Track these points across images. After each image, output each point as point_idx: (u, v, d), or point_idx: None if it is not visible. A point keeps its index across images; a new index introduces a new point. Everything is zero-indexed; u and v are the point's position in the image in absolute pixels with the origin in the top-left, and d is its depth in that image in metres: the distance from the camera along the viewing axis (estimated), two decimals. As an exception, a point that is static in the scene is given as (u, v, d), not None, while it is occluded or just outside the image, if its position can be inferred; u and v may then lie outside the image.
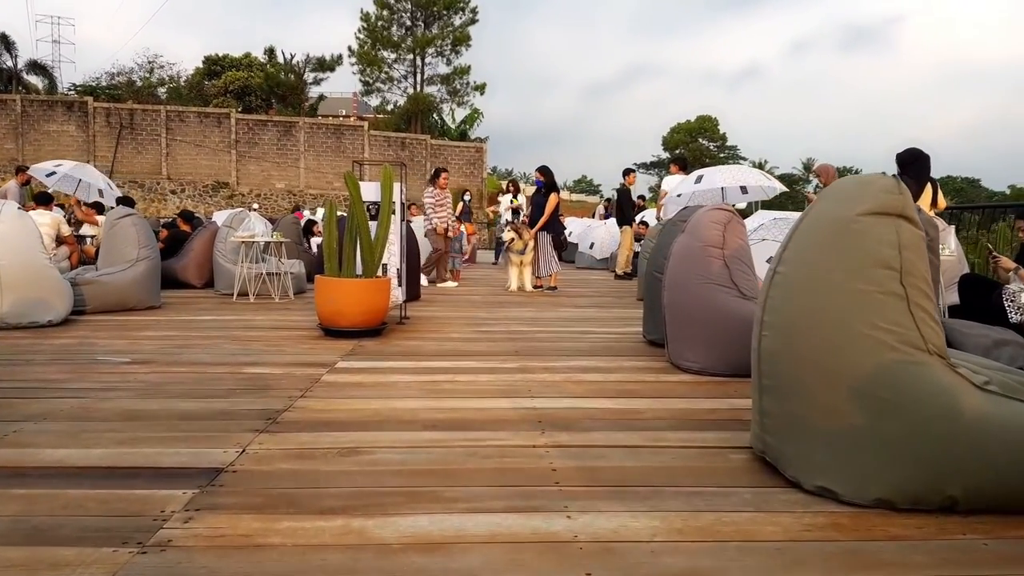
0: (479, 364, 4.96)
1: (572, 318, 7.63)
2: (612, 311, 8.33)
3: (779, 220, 6.86)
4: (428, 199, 11.12)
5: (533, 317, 7.66)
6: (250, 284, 8.90)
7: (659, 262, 5.81)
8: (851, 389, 2.45)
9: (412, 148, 41.73)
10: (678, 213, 5.99)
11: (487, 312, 8.07)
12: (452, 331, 6.56)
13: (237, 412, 3.62)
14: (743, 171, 9.99)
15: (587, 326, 7.00)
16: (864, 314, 2.45)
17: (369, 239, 6.15)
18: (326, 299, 6.03)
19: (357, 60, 47.72)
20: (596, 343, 5.96)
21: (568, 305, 8.92)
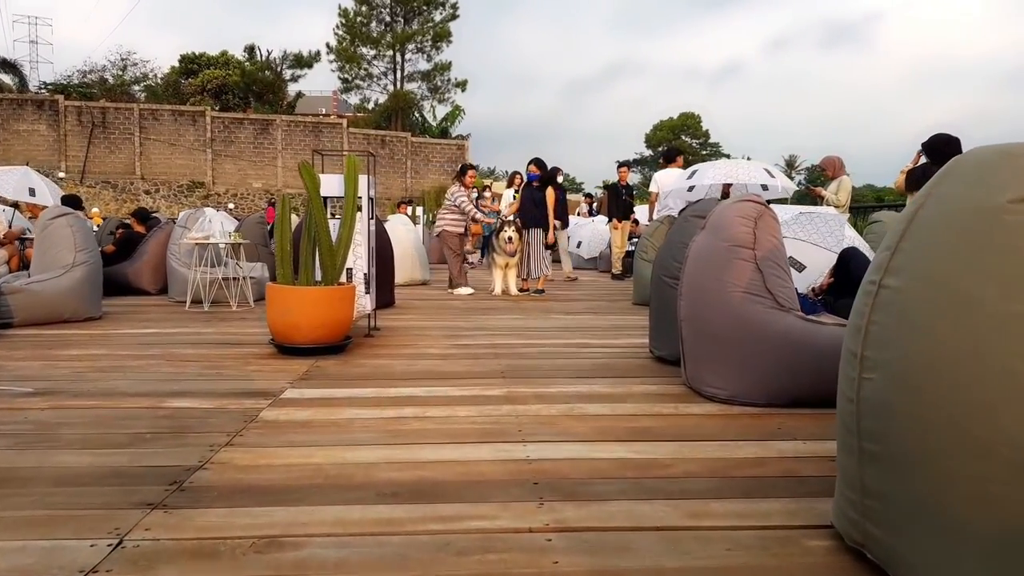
0: (457, 391, 4.08)
1: (564, 327, 6.77)
2: (608, 318, 7.48)
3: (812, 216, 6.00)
4: (461, 198, 10.12)
5: (521, 327, 6.79)
6: (204, 290, 7.98)
7: (669, 265, 4.96)
8: (1016, 466, 1.60)
9: (392, 146, 40.80)
10: (691, 206, 5.14)
11: (468, 320, 7.20)
12: (428, 345, 5.67)
13: (135, 472, 2.72)
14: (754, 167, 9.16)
15: (582, 337, 6.14)
16: (1034, 352, 1.60)
17: (329, 240, 5.26)
18: (279, 311, 5.14)
19: (336, 57, 46.73)
20: (596, 360, 5.09)
21: (559, 311, 8.06)
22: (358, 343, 5.69)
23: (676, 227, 5.12)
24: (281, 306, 5.12)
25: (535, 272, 9.91)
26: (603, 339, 6.05)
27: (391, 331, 6.41)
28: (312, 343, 5.12)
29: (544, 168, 10.00)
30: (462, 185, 10.20)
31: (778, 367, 3.73)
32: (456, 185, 10.24)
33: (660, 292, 5.03)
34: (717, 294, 3.90)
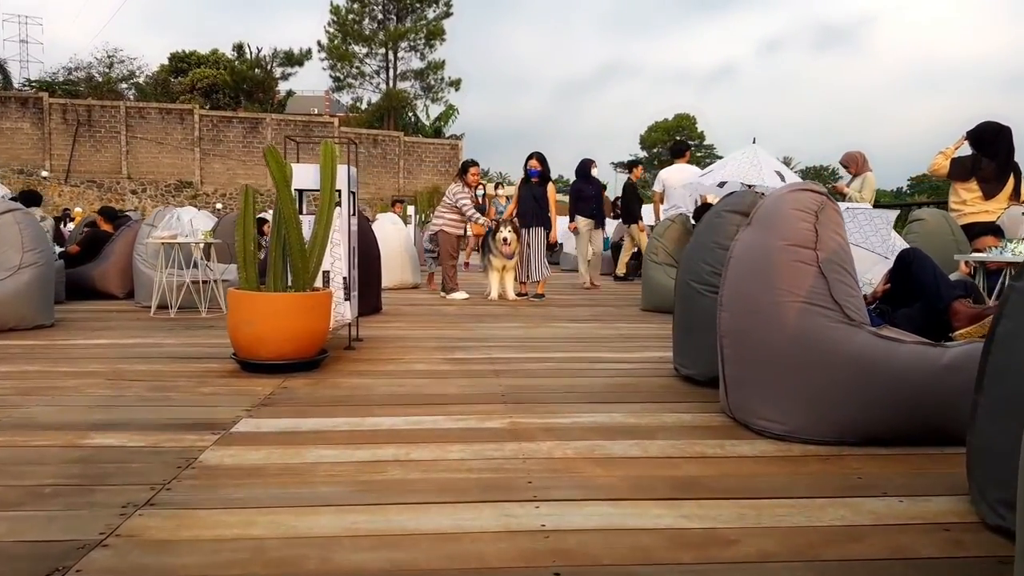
0: (449, 422, 3.34)
1: (570, 337, 6.03)
2: (617, 326, 6.74)
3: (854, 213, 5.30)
4: (462, 199, 9.32)
5: (521, 336, 6.05)
6: (171, 295, 7.22)
7: (698, 269, 4.24)
8: None
9: (385, 145, 40.05)
10: (724, 199, 4.41)
11: (463, 329, 6.45)
12: (416, 360, 4.93)
13: (5, 553, 1.98)
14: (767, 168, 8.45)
15: (592, 349, 5.40)
16: None
17: (300, 239, 4.51)
18: (242, 321, 4.39)
19: (327, 55, 45.94)
20: (612, 379, 4.36)
21: (562, 318, 7.32)
22: (336, 358, 4.94)
23: (705, 225, 4.39)
24: (244, 315, 4.38)
25: (535, 275, 9.18)
26: (616, 351, 5.31)
27: (375, 342, 5.66)
28: (280, 359, 4.38)
29: (545, 163, 9.26)
30: (464, 184, 9.42)
31: (848, 396, 3.00)
32: (458, 184, 9.44)
33: (688, 300, 4.29)
34: (770, 305, 3.17)
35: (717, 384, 3.54)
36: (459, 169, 9.66)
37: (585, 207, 10.44)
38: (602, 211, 10.61)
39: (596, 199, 10.47)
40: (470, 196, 9.36)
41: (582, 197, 10.47)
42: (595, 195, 10.50)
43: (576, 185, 10.78)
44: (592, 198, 10.45)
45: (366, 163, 39.47)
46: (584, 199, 10.46)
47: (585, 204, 10.44)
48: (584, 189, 10.52)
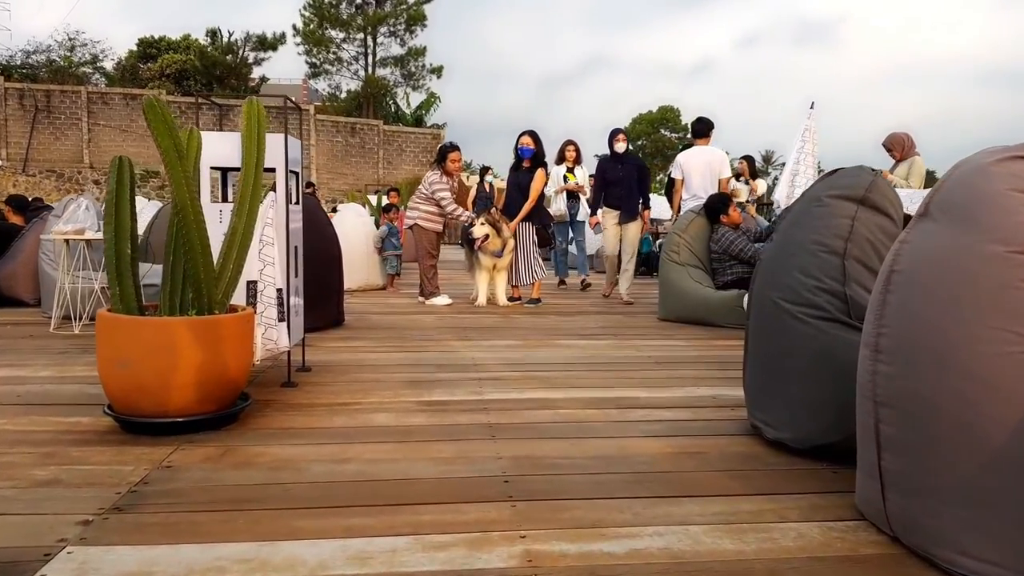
0: (420, 555, 1.95)
1: (585, 362, 4.65)
2: (639, 345, 5.36)
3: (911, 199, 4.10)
4: (439, 188, 7.73)
5: (520, 361, 4.66)
6: (75, 305, 5.75)
7: (792, 282, 2.86)
8: None
9: (363, 134, 38.49)
10: (826, 179, 3.02)
11: (445, 349, 5.05)
12: (377, 405, 3.53)
13: None
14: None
15: (619, 383, 4.02)
16: None
17: (203, 237, 3.09)
18: (114, 359, 2.96)
19: (302, 40, 44.20)
20: (665, 444, 2.97)
21: (567, 331, 5.93)
22: (264, 403, 3.53)
23: (798, 217, 3.01)
24: (118, 351, 2.95)
25: (526, 278, 7.78)
26: (652, 387, 3.93)
27: (327, 374, 4.24)
28: (173, 414, 2.96)
29: (539, 142, 7.80)
30: (443, 172, 7.81)
31: None
32: (435, 172, 7.87)
33: (774, 328, 2.91)
34: (981, 358, 1.79)
35: (823, 454, 2.24)
36: (436, 155, 8.09)
37: (612, 193, 8.15)
38: (635, 199, 8.12)
39: (626, 182, 8.06)
40: (450, 187, 7.82)
41: (607, 181, 8.15)
42: (624, 177, 8.06)
43: (600, 165, 8.43)
44: (620, 181, 8.07)
45: (344, 152, 37.92)
46: (611, 183, 8.13)
47: (613, 189, 8.14)
48: (609, 170, 8.13)
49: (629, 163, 8.16)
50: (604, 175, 8.17)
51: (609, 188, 8.14)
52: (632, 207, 8.08)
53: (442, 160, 7.82)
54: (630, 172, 8.09)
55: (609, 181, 8.11)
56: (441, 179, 7.74)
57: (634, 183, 8.08)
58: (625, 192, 8.07)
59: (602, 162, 8.36)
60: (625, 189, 8.06)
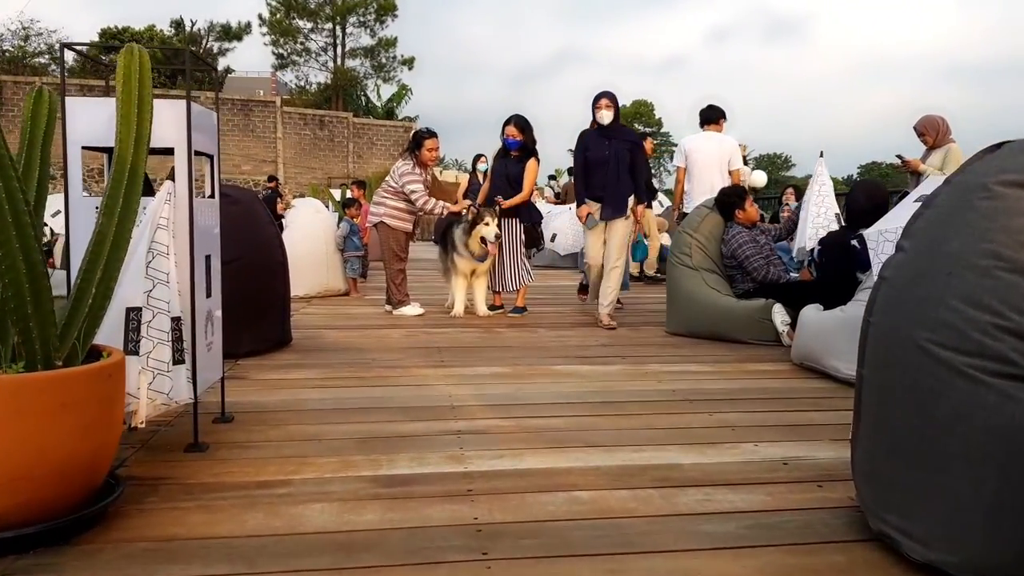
0: None
1: (594, 397, 3.59)
2: (655, 369, 4.33)
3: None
4: (411, 180, 6.51)
5: (512, 398, 3.60)
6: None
7: (953, 320, 1.82)
8: None
9: (332, 127, 37.16)
10: (985, 158, 1.99)
11: (413, 383, 3.97)
12: (313, 489, 2.46)
13: None
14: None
15: (648, 440, 2.97)
16: None
17: (29, 251, 1.99)
18: None
19: (269, 29, 42.72)
20: (740, 560, 1.94)
21: (562, 353, 4.88)
22: (152, 484, 2.44)
23: (941, 216, 1.98)
24: None
25: (512, 283, 6.70)
26: (699, 448, 2.88)
27: (253, 427, 3.15)
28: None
29: (527, 130, 6.69)
30: (417, 163, 6.61)
31: None
32: (407, 161, 6.65)
33: (928, 389, 1.87)
34: None
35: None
36: (410, 142, 6.85)
37: (595, 179, 5.99)
38: (624, 188, 5.94)
39: (613, 165, 5.88)
40: (423, 179, 6.69)
41: (589, 162, 6.01)
42: (610, 157, 5.88)
43: (581, 140, 6.13)
44: (605, 163, 5.89)
45: (312, 146, 36.61)
46: (594, 165, 5.97)
47: (597, 175, 5.96)
48: (592, 147, 5.99)
49: (618, 139, 5.96)
50: (585, 154, 6.01)
51: (592, 172, 5.98)
52: (619, 199, 5.90)
53: (416, 148, 6.66)
54: (618, 152, 5.90)
55: (592, 162, 5.97)
56: (413, 169, 6.60)
57: (623, 166, 5.90)
58: (611, 178, 5.88)
59: (583, 137, 6.11)
60: (611, 174, 5.87)
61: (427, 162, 6.69)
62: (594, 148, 5.97)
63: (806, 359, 4.30)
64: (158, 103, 2.79)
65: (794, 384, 3.98)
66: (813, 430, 3.13)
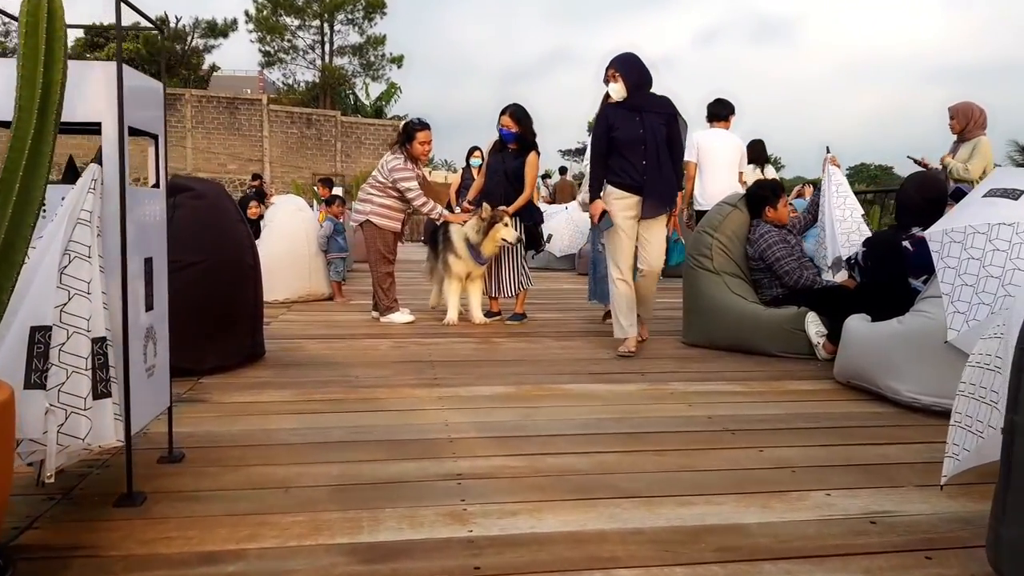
0: None
1: (615, 431, 3.03)
2: (680, 389, 3.76)
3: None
4: (402, 177, 5.93)
5: (519, 427, 3.03)
6: None
7: None
8: None
9: (320, 125, 36.48)
10: None
11: (402, 409, 3.40)
12: (273, 566, 1.87)
13: None
14: None
15: (691, 485, 2.41)
16: None
17: None
18: None
19: (255, 27, 42.01)
20: None
21: (571, 368, 4.31)
22: (62, 557, 1.85)
23: None
24: None
25: (509, 288, 6.14)
26: (760, 500, 2.31)
27: (206, 468, 2.57)
28: None
29: (524, 122, 6.10)
30: (408, 156, 6.01)
31: None
32: (398, 155, 6.02)
33: None
34: None
35: None
36: (400, 134, 6.18)
37: (625, 163, 4.65)
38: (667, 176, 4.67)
39: (651, 145, 4.59)
40: (415, 174, 6.11)
41: (616, 143, 4.66)
42: (645, 136, 4.58)
43: (603, 116, 4.81)
44: (637, 143, 4.59)
45: (299, 145, 35.95)
46: (623, 146, 4.64)
47: (629, 160, 4.64)
48: (620, 123, 4.65)
49: (650, 111, 4.62)
50: (610, 132, 4.67)
51: (620, 154, 4.66)
52: (664, 190, 4.64)
53: (408, 141, 6.06)
54: (655, 128, 4.60)
55: (621, 144, 4.64)
56: (405, 164, 6.00)
57: (663, 147, 4.61)
58: (651, 164, 4.57)
59: (605, 111, 4.81)
60: (650, 159, 4.57)
61: (419, 156, 6.10)
62: (623, 125, 4.63)
63: (854, 377, 3.75)
64: (83, 64, 2.24)
65: (847, 408, 3.42)
66: (890, 471, 2.57)
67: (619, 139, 4.64)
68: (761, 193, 5.02)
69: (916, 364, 3.34)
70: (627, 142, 4.62)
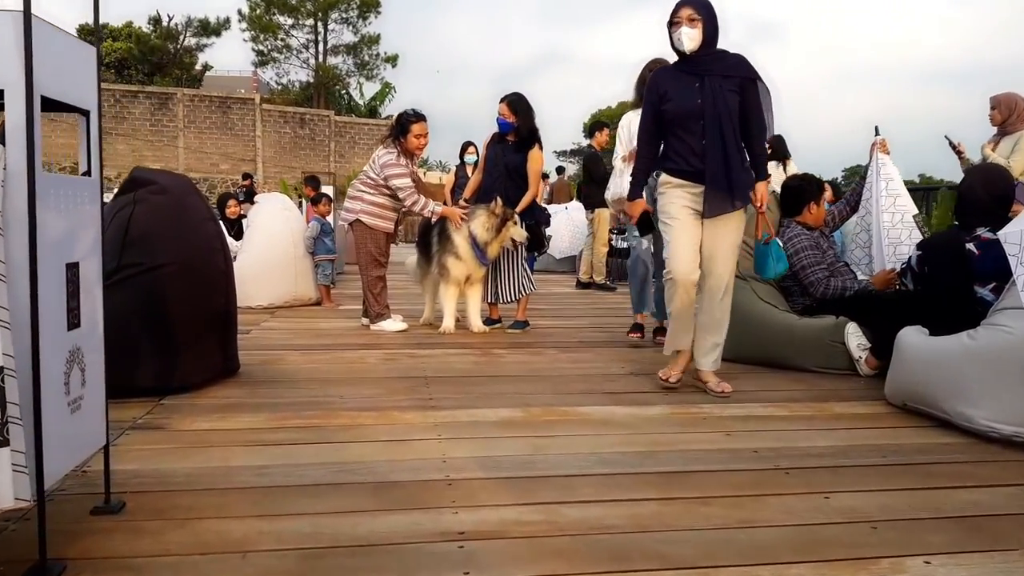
0: None
1: (646, 470, 2.54)
2: (715, 413, 3.28)
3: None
4: (395, 173, 5.47)
5: (528, 471, 2.54)
6: None
7: None
8: None
9: (313, 125, 36.02)
10: None
11: (391, 438, 2.90)
12: None
13: None
14: None
15: (751, 549, 1.93)
16: None
17: None
18: None
19: (248, 25, 41.46)
20: None
21: (584, 385, 3.82)
22: None
23: None
24: None
25: (510, 294, 5.65)
26: (849, 565, 1.83)
27: (146, 523, 2.07)
28: None
29: (523, 111, 5.60)
30: (402, 151, 5.53)
31: None
32: (391, 149, 5.55)
33: None
34: None
35: None
36: (393, 127, 5.69)
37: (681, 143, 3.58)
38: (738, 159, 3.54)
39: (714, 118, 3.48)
40: (410, 171, 5.66)
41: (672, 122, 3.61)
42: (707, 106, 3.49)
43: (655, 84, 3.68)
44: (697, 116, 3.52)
45: (292, 145, 35.47)
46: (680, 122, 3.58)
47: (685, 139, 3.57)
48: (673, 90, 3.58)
49: (716, 75, 3.52)
50: (662, 106, 3.59)
51: (673, 132, 3.61)
52: (732, 179, 3.51)
53: (402, 134, 5.54)
54: (717, 96, 3.49)
55: (672, 118, 3.59)
56: (398, 160, 5.50)
57: (728, 120, 3.49)
58: (712, 143, 3.49)
59: (656, 77, 3.73)
60: (712, 137, 3.49)
61: (414, 151, 5.61)
62: (677, 94, 3.53)
63: (912, 400, 3.26)
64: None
65: (912, 439, 2.94)
66: (993, 528, 2.08)
67: (670, 112, 3.56)
68: (802, 189, 4.49)
69: (993, 386, 2.86)
70: (680, 116, 3.53)
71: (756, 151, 3.61)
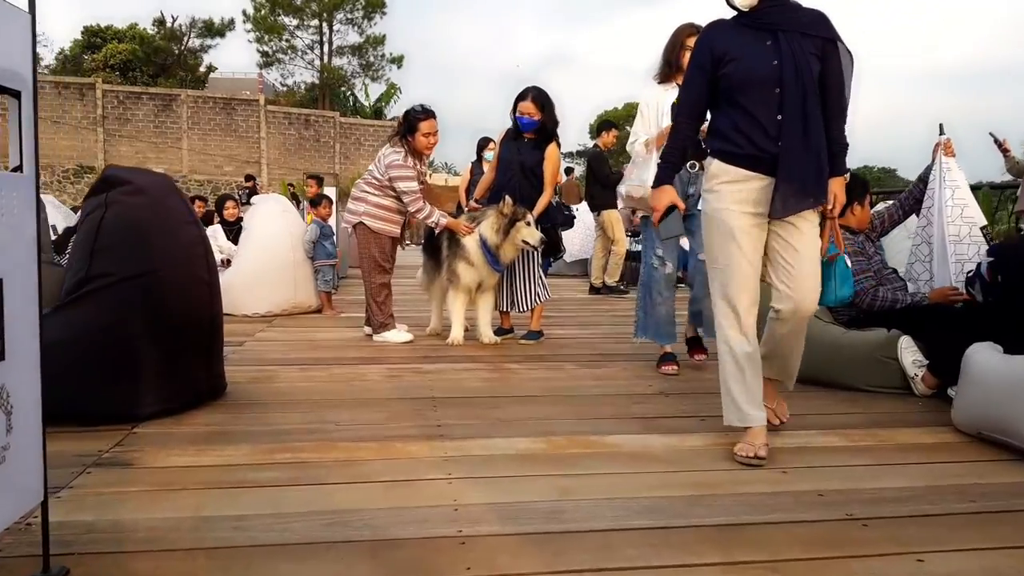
0: None
1: (696, 523, 2.13)
2: (781, 449, 2.85)
3: None
4: (400, 175, 5.09)
5: (556, 527, 2.14)
6: None
7: None
8: None
9: (318, 126, 35.70)
10: None
11: (392, 479, 2.50)
12: None
13: None
14: None
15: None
16: None
17: None
18: None
19: (253, 26, 41.20)
20: None
21: (609, 409, 3.41)
22: None
23: None
24: None
25: (525, 302, 5.24)
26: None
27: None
28: None
29: (548, 107, 5.18)
30: (409, 151, 5.15)
31: None
32: (397, 150, 5.15)
33: None
34: None
35: None
36: (400, 124, 5.26)
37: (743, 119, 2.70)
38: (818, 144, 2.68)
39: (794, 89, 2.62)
40: (417, 173, 5.24)
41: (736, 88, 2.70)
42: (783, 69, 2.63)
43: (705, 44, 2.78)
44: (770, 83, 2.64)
45: (297, 146, 35.17)
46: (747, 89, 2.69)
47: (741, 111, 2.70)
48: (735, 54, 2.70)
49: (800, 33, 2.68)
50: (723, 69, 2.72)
51: (735, 103, 2.73)
52: (811, 166, 2.69)
53: (410, 132, 5.13)
54: (798, 59, 2.64)
55: (738, 84, 2.71)
56: (405, 160, 5.10)
57: (812, 91, 2.66)
58: (791, 119, 2.64)
59: (711, 33, 2.81)
60: (789, 108, 2.64)
61: (423, 150, 5.20)
62: (743, 53, 2.69)
63: (988, 429, 2.85)
64: None
65: (1001, 477, 2.52)
66: None
67: (735, 77, 2.68)
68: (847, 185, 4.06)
69: (1096, 418, 2.45)
70: (749, 82, 2.67)
71: (834, 135, 2.75)
